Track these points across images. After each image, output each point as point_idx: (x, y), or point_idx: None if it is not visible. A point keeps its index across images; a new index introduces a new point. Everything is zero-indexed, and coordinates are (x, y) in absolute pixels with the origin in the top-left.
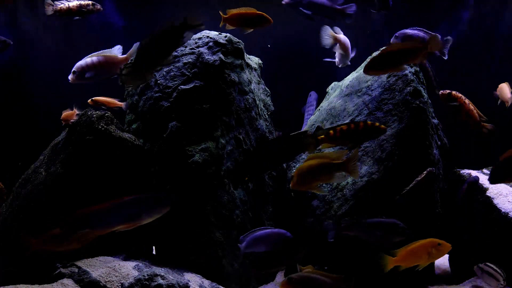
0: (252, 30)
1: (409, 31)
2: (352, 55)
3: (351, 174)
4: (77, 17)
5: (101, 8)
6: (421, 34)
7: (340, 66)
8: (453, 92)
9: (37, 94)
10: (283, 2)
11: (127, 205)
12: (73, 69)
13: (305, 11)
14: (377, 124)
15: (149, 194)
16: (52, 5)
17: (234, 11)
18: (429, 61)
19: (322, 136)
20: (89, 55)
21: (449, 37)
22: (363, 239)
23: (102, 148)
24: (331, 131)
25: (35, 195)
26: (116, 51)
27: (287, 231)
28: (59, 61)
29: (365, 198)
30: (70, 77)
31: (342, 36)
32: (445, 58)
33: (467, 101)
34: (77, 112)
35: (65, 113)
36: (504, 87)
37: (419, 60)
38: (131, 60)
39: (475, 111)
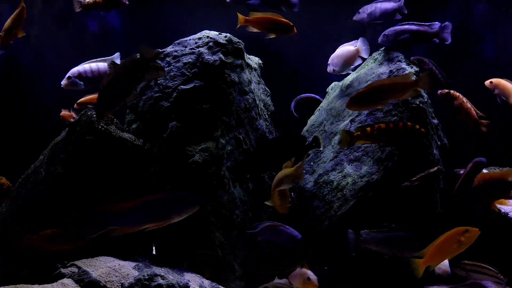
0: (274, 36)
1: (398, 27)
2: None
3: (299, 179)
4: (103, 11)
5: (127, 2)
6: (413, 27)
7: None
8: (451, 92)
9: (37, 93)
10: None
11: (157, 203)
12: (68, 74)
13: (252, 2)
14: (417, 126)
15: (179, 193)
16: (80, 1)
17: (260, 14)
18: (429, 58)
19: (359, 133)
20: (86, 62)
21: (447, 23)
22: (382, 252)
23: (102, 148)
24: (368, 128)
25: (35, 195)
26: (116, 59)
27: (296, 231)
28: (60, 61)
29: (365, 198)
30: (63, 82)
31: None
32: (448, 42)
33: (465, 99)
34: (74, 116)
35: (64, 112)
36: (504, 83)
37: (407, 97)
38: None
39: (472, 109)
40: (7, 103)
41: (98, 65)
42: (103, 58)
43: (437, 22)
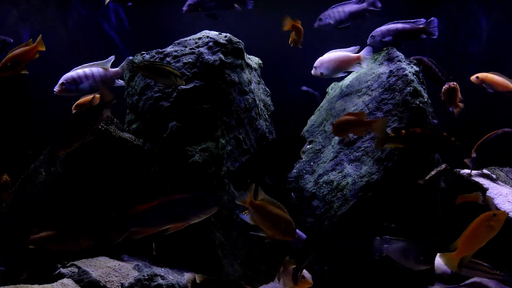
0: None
1: (384, 28)
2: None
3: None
4: (130, 3)
5: None
6: (399, 26)
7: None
8: (451, 84)
9: (37, 93)
10: (183, 10)
11: (175, 204)
12: (61, 81)
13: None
14: (453, 139)
15: (198, 194)
16: None
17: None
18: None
19: (393, 134)
20: (79, 67)
21: (433, 18)
22: (396, 261)
23: (102, 148)
24: (404, 131)
25: (35, 195)
26: (108, 63)
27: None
28: (60, 60)
29: (365, 198)
30: (56, 88)
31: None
32: (435, 37)
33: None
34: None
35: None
36: (491, 76)
37: (362, 134)
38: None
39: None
40: (6, 102)
41: (91, 69)
42: (96, 62)
43: (423, 19)
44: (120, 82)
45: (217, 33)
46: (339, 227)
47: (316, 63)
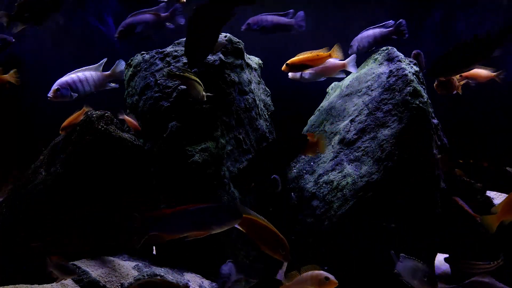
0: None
1: (359, 36)
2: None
3: None
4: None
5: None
6: (370, 32)
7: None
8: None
9: (37, 92)
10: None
11: (198, 213)
12: (56, 86)
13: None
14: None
15: (222, 204)
16: None
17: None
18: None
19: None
20: (73, 72)
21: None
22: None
23: (102, 148)
24: (472, 160)
25: (35, 195)
26: (100, 67)
27: None
28: (61, 61)
29: (365, 198)
30: (51, 94)
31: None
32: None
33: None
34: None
35: (126, 117)
36: (475, 70)
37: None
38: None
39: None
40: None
41: (85, 74)
42: (89, 67)
43: (391, 21)
44: (112, 85)
45: None
46: (339, 227)
47: None
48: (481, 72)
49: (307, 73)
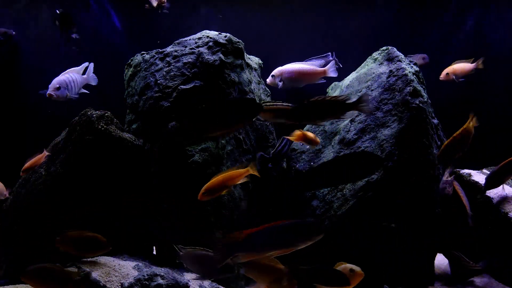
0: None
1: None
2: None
3: None
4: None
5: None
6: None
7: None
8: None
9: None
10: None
11: (281, 231)
12: (56, 85)
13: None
14: None
15: (303, 221)
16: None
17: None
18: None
19: None
20: (65, 72)
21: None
22: None
23: (102, 148)
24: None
25: (35, 195)
26: (82, 70)
27: None
28: (61, 61)
29: (365, 198)
30: (52, 92)
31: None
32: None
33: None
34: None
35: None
36: (455, 66)
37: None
38: None
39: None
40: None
41: (75, 75)
42: (76, 68)
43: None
44: (83, 90)
45: (217, 33)
46: (339, 227)
47: (276, 72)
48: (463, 66)
49: (286, 79)
